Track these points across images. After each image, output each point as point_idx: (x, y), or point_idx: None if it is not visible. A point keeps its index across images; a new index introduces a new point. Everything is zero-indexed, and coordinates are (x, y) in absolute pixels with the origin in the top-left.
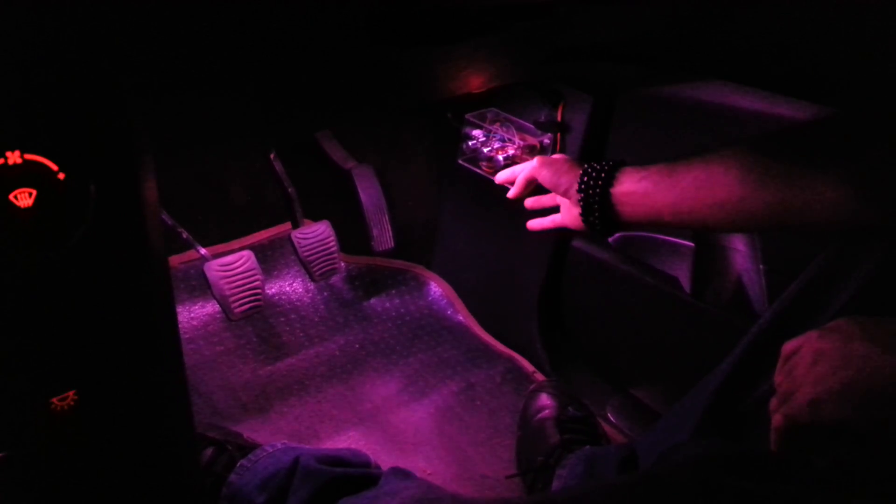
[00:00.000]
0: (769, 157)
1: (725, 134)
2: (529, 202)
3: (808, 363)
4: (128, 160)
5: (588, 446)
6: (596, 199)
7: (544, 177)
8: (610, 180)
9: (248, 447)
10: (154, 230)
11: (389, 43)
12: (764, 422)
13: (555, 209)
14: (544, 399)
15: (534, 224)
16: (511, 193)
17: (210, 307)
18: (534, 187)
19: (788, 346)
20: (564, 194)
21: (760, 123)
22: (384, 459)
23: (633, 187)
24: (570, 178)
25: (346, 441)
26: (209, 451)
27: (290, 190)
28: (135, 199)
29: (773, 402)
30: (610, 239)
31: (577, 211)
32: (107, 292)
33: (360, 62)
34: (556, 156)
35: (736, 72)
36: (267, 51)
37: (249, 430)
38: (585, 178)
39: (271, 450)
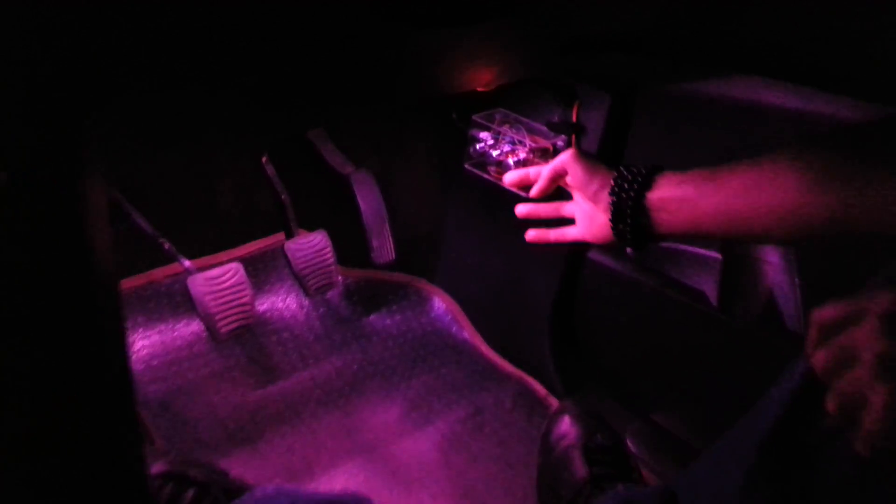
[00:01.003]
0: (827, 158)
1: (758, 135)
2: (547, 210)
3: None
4: (56, 144)
5: (620, 485)
6: (629, 205)
7: (575, 172)
8: (647, 184)
9: (234, 490)
10: (97, 234)
11: (399, 22)
12: (836, 457)
13: (566, 221)
14: (569, 424)
15: (534, 236)
16: (534, 191)
17: (195, 325)
18: (557, 184)
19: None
20: (593, 197)
21: (797, 123)
22: (385, 496)
23: (671, 192)
24: (603, 180)
25: (344, 475)
26: (190, 493)
27: (283, 197)
28: (66, 195)
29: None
30: (628, 248)
31: (604, 218)
32: (21, 306)
33: (364, 43)
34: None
35: (768, 65)
36: (263, 28)
37: (237, 464)
38: (619, 181)
39: (261, 494)
